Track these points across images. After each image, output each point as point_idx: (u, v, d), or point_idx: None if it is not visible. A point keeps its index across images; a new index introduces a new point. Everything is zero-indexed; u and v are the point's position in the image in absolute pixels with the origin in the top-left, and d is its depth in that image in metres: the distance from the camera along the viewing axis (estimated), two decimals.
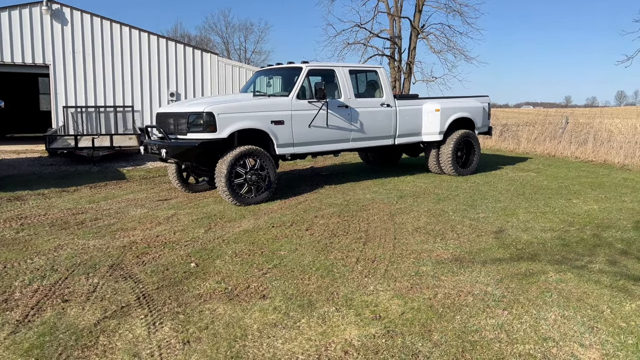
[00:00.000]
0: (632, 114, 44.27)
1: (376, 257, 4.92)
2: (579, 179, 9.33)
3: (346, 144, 8.40)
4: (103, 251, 5.14)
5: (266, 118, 7.33)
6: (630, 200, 7.49)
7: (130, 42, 15.83)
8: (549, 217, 6.45)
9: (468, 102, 9.90)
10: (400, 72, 23.83)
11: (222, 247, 5.26)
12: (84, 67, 15.34)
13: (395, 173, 10.07)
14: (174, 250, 5.18)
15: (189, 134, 7.02)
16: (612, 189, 8.33)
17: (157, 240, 5.52)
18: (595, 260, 4.79)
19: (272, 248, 5.21)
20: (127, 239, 5.56)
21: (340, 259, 4.86)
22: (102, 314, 3.62)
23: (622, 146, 11.83)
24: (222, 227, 6.03)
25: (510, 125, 18.74)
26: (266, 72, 8.91)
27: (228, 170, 6.90)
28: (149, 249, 5.20)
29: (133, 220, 6.42)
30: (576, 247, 5.19)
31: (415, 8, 23.47)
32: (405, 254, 5.03)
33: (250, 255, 4.98)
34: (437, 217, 6.47)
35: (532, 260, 4.80)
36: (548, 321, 3.49)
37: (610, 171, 10.41)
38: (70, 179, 9.86)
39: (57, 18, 14.92)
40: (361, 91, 8.95)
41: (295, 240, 5.49)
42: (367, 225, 6.08)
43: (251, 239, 5.52)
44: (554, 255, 4.95)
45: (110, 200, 7.72)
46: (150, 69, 16.11)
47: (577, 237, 5.54)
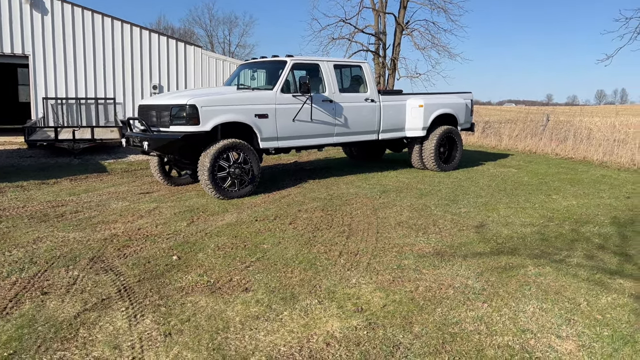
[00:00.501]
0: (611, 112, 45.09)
1: (359, 251, 4.94)
2: (558, 176, 9.49)
3: (330, 139, 8.41)
4: (83, 244, 5.08)
5: (250, 111, 7.30)
6: (608, 196, 7.64)
7: (113, 34, 15.59)
8: (529, 212, 6.55)
9: (451, 99, 9.98)
10: (385, 68, 23.89)
11: (205, 240, 5.24)
12: (64, 58, 15.06)
13: (378, 168, 10.12)
14: (156, 243, 5.14)
15: (172, 127, 6.96)
16: (591, 186, 8.49)
17: (139, 233, 5.47)
18: (573, 254, 4.88)
19: (255, 241, 5.20)
20: (108, 232, 5.51)
21: (323, 253, 4.88)
22: (82, 307, 3.59)
23: (601, 144, 12.05)
24: (204, 221, 6.00)
25: (492, 122, 18.95)
26: (250, 65, 8.86)
27: (211, 163, 6.86)
28: (131, 242, 5.15)
29: (114, 213, 6.35)
30: (555, 242, 5.28)
31: (400, 4, 23.53)
32: (388, 247, 5.07)
33: (233, 249, 4.97)
34: (419, 211, 6.52)
35: (512, 254, 4.87)
36: (526, 313, 3.56)
37: (589, 168, 10.60)
38: (50, 171, 9.70)
39: (37, 8, 14.62)
40: (346, 86, 8.96)
41: (278, 233, 5.49)
42: (350, 220, 6.11)
43: (234, 233, 5.50)
44: (533, 249, 5.03)
45: (91, 193, 7.62)
46: (133, 61, 15.90)
47: (556, 232, 5.63)
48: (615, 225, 5.94)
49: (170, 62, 16.38)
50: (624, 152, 11.09)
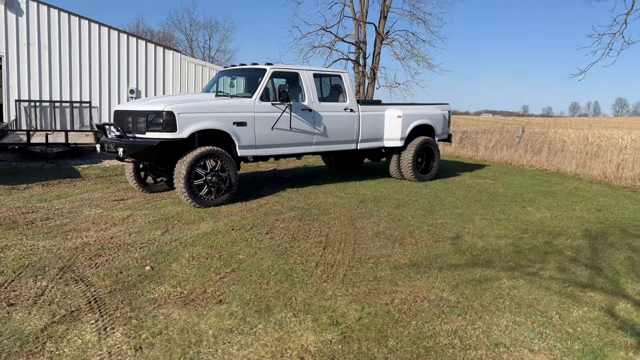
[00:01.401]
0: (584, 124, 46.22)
1: (335, 262, 4.93)
2: (533, 187, 9.64)
3: (309, 147, 8.40)
4: (53, 253, 4.95)
5: (228, 119, 7.24)
6: (580, 208, 7.79)
7: (90, 36, 15.35)
8: (503, 224, 6.63)
9: (429, 110, 10.08)
10: (365, 77, 24.03)
11: (179, 250, 5.16)
12: (39, 59, 14.76)
13: (357, 177, 10.14)
14: (129, 252, 5.04)
15: (148, 133, 6.86)
16: (564, 198, 8.64)
17: (112, 242, 5.36)
18: (546, 267, 4.95)
19: (230, 252, 5.14)
20: (80, 240, 5.38)
21: (300, 264, 4.85)
22: (50, 319, 3.48)
23: (574, 156, 12.31)
24: (179, 230, 5.92)
25: (469, 133, 19.21)
26: (229, 72, 8.81)
27: (187, 171, 6.78)
28: (103, 251, 5.04)
29: (87, 221, 6.21)
30: (529, 254, 5.35)
31: (380, 14, 23.73)
32: (365, 258, 5.06)
33: (208, 259, 4.90)
34: (396, 222, 6.54)
35: (486, 266, 4.92)
36: (500, 327, 3.58)
37: (562, 180, 10.80)
38: (21, 176, 9.47)
39: (12, 8, 14.32)
40: (325, 95, 8.97)
41: (254, 244, 5.44)
42: (327, 230, 6.09)
43: (209, 242, 5.43)
44: (508, 261, 5.08)
45: (63, 199, 7.45)
46: (110, 64, 15.66)
47: (529, 244, 5.71)
48: (587, 238, 6.06)
49: (148, 67, 16.18)
50: (596, 164, 11.35)
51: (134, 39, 16.21)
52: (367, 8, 23.84)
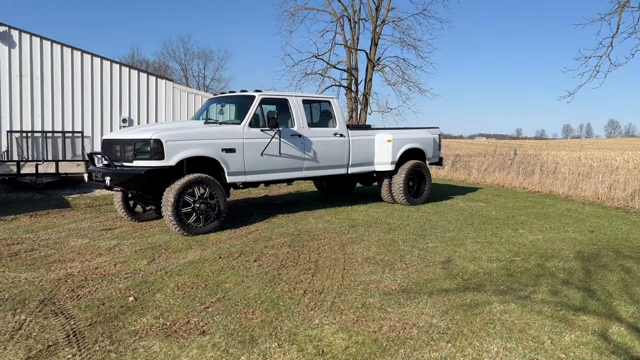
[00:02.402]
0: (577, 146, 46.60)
1: (324, 289, 4.83)
2: (525, 210, 9.60)
3: (299, 173, 8.36)
4: (35, 285, 4.83)
5: (217, 146, 7.22)
6: (573, 230, 7.74)
7: (82, 67, 15.43)
8: (495, 247, 6.56)
9: (419, 134, 10.10)
10: (357, 103, 24.23)
11: (165, 279, 5.05)
12: (31, 90, 14.79)
13: (348, 202, 10.09)
14: (113, 283, 4.93)
15: (135, 162, 6.81)
16: (557, 220, 8.59)
17: (96, 273, 5.25)
18: (538, 290, 4.87)
19: (217, 280, 5.04)
20: (64, 272, 5.27)
21: (288, 291, 4.75)
22: (26, 354, 3.36)
23: (566, 177, 12.31)
24: (166, 259, 5.81)
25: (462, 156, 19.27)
26: (219, 99, 8.83)
27: (175, 198, 6.71)
28: (86, 282, 4.93)
29: (72, 251, 6.11)
30: (520, 277, 5.26)
31: (371, 41, 24.09)
32: (354, 285, 4.97)
33: (193, 288, 4.79)
34: (387, 246, 6.46)
35: (477, 290, 4.83)
36: (490, 353, 3.48)
37: (555, 202, 10.77)
38: (10, 207, 9.37)
39: (4, 40, 14.43)
40: (315, 121, 8.99)
41: (242, 272, 5.34)
42: (317, 256, 6.00)
43: (196, 271, 5.33)
44: (499, 285, 5.00)
45: (50, 230, 7.35)
46: (102, 94, 15.72)
47: (521, 267, 5.63)
48: (580, 260, 5.98)
49: (140, 96, 16.25)
50: (588, 186, 11.34)
51: (126, 68, 16.31)
52: (358, 35, 24.23)
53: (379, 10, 23.97)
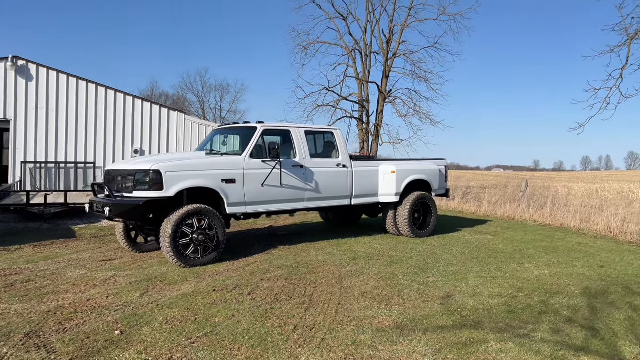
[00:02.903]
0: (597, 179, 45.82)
1: (315, 325, 4.69)
2: (534, 243, 9.35)
3: (301, 204, 8.30)
4: (24, 317, 4.78)
5: (216, 176, 7.21)
6: (582, 265, 7.48)
7: (96, 99, 15.79)
8: (499, 282, 6.35)
9: (424, 165, 10.01)
10: (369, 134, 24.27)
11: (154, 312, 4.96)
12: (46, 122, 15.14)
13: (353, 234, 9.95)
14: (102, 316, 4.86)
15: (135, 192, 6.82)
16: (566, 254, 8.33)
17: (87, 305, 5.19)
18: (539, 328, 4.66)
19: (207, 314, 4.93)
20: (55, 303, 5.22)
21: (278, 327, 4.62)
22: None
23: (578, 210, 12.02)
24: (159, 291, 5.73)
25: (473, 188, 19.03)
26: (223, 131, 8.89)
27: (173, 230, 6.67)
28: (75, 315, 4.87)
29: (67, 283, 6.07)
30: (522, 315, 5.06)
31: (382, 74, 24.28)
32: (347, 320, 4.82)
33: (182, 322, 4.69)
34: (386, 280, 6.30)
35: (475, 328, 4.64)
36: None
37: (565, 235, 10.49)
38: (17, 237, 9.44)
39: (22, 74, 14.86)
40: (318, 151, 8.98)
41: (234, 305, 5.23)
42: (313, 289, 5.87)
43: (187, 304, 5.23)
44: (498, 322, 4.80)
45: (50, 261, 7.35)
46: (115, 125, 16.00)
47: (524, 304, 5.42)
48: (586, 297, 5.75)
49: (152, 127, 16.50)
50: (601, 219, 11.04)
51: (139, 100, 16.63)
52: (369, 68, 24.44)
53: (390, 43, 24.24)
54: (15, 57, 14.67)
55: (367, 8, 24.00)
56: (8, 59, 14.54)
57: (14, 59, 14.62)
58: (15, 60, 14.67)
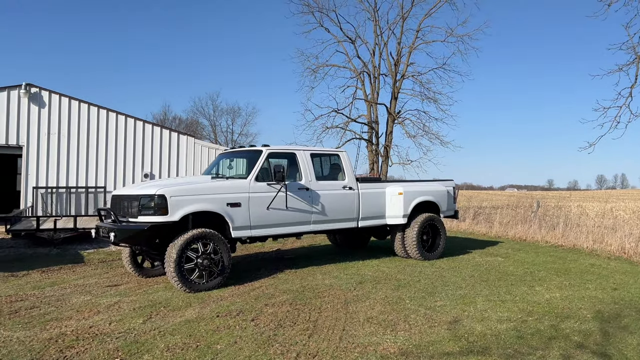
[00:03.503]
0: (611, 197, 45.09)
1: (318, 352, 4.60)
2: (545, 265, 9.16)
3: (307, 227, 8.24)
4: (25, 345, 4.76)
5: (221, 200, 7.21)
6: (594, 287, 7.30)
7: (107, 124, 16.01)
8: (508, 305, 6.20)
9: (432, 186, 9.93)
10: (378, 155, 24.24)
11: (156, 339, 4.91)
12: (58, 148, 15.36)
13: (360, 257, 9.84)
14: (103, 343, 4.81)
15: (140, 217, 6.83)
16: (578, 276, 8.15)
17: (89, 332, 5.15)
18: (548, 354, 4.52)
19: (209, 341, 4.87)
20: (57, 330, 5.19)
21: (280, 354, 4.53)
22: None
23: (591, 231, 11.80)
24: (162, 317, 5.68)
25: (486, 208, 18.81)
26: (229, 154, 8.92)
27: (178, 254, 6.65)
28: (77, 342, 4.83)
29: (71, 309, 6.05)
30: (531, 340, 4.92)
31: (391, 95, 24.34)
32: (351, 347, 4.72)
33: (183, 350, 4.63)
34: (392, 305, 6.19)
35: (482, 354, 4.52)
36: None
37: (578, 256, 10.27)
38: (25, 262, 9.48)
39: (35, 101, 15.15)
40: (324, 174, 8.95)
41: (237, 332, 5.16)
42: (317, 315, 5.78)
43: (190, 331, 5.17)
44: (507, 348, 4.67)
45: (56, 286, 7.35)
46: (126, 150, 16.18)
47: (533, 328, 5.28)
48: (598, 321, 5.59)
49: (162, 151, 16.66)
50: (614, 239, 10.82)
51: (149, 125, 16.83)
52: (378, 90, 24.53)
53: (398, 65, 24.37)
54: (28, 84, 14.98)
55: (375, 31, 24.22)
56: (21, 86, 14.86)
57: (27, 86, 14.92)
58: (29, 87, 14.98)
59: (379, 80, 24.58)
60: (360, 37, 24.47)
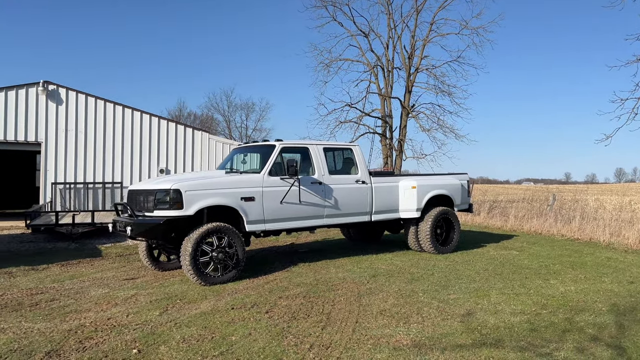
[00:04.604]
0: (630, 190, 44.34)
1: (332, 343, 4.65)
2: (560, 258, 9.10)
3: (320, 220, 8.29)
4: (46, 336, 4.88)
5: (236, 195, 7.28)
6: (610, 280, 7.24)
7: (123, 120, 16.23)
8: (522, 299, 6.19)
9: (446, 180, 9.90)
10: (392, 150, 24.18)
11: (172, 331, 5.00)
12: (75, 144, 15.61)
13: (374, 250, 9.87)
14: (121, 334, 4.92)
15: (155, 211, 6.94)
16: (593, 269, 8.08)
17: (107, 324, 5.27)
18: (562, 347, 4.52)
19: (224, 333, 4.95)
20: (77, 322, 5.31)
21: (293, 345, 4.59)
22: None
23: (608, 224, 11.66)
24: (179, 309, 5.78)
25: (500, 202, 18.68)
26: (242, 149, 9.00)
27: (193, 248, 6.75)
28: (95, 333, 4.94)
29: (90, 301, 6.18)
30: (544, 333, 4.91)
31: (405, 89, 24.23)
32: (364, 339, 4.76)
33: (199, 341, 4.71)
34: (405, 298, 6.21)
35: (495, 346, 4.52)
36: None
37: (594, 250, 10.17)
38: (45, 256, 9.68)
39: (53, 98, 15.40)
40: (337, 168, 8.98)
41: (251, 324, 5.23)
42: (331, 307, 5.83)
43: (205, 323, 5.26)
44: (519, 341, 4.67)
45: (75, 280, 7.50)
46: (142, 146, 16.39)
47: (547, 321, 5.27)
48: (613, 314, 5.55)
49: (178, 147, 16.84)
50: (632, 232, 10.68)
51: (165, 121, 17.01)
52: (392, 84, 24.44)
53: (412, 58, 24.24)
54: (46, 82, 15.23)
55: (389, 24, 24.10)
56: (39, 83, 15.12)
57: (45, 84, 15.18)
58: (46, 85, 15.23)
59: (392, 74, 24.49)
60: (374, 30, 24.41)
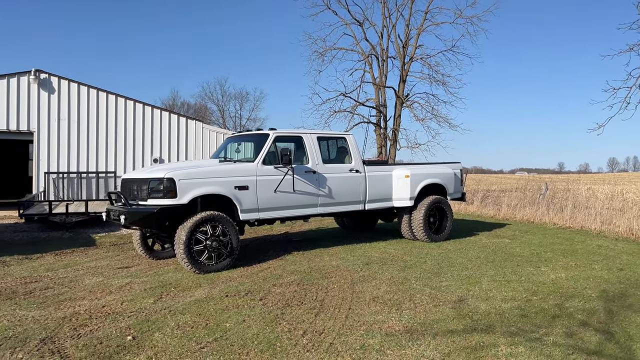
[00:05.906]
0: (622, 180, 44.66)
1: (325, 329, 4.70)
2: (552, 246, 9.19)
3: (314, 209, 8.32)
4: (40, 323, 4.90)
5: (229, 183, 7.29)
6: (600, 268, 7.33)
7: (116, 110, 16.12)
8: (513, 285, 6.26)
9: (439, 169, 9.94)
10: (386, 139, 24.19)
11: (167, 318, 5.04)
12: (68, 133, 15.51)
13: (368, 239, 9.93)
14: (116, 321, 4.95)
15: (149, 200, 6.94)
16: (584, 257, 8.18)
17: (102, 311, 5.29)
18: (551, 332, 4.59)
19: (218, 320, 4.99)
20: (71, 310, 5.34)
21: (287, 332, 4.64)
22: None
23: (599, 212, 11.77)
24: (173, 297, 5.82)
25: (494, 191, 18.78)
26: (236, 138, 8.99)
27: (187, 236, 6.77)
28: (90, 321, 4.97)
29: (84, 290, 6.20)
30: (535, 318, 4.99)
31: (399, 78, 24.19)
32: (356, 325, 4.82)
33: (193, 328, 4.75)
34: (398, 285, 6.27)
35: (485, 332, 4.59)
36: None
37: (585, 238, 10.28)
38: (39, 246, 9.66)
39: (45, 87, 15.26)
40: (331, 157, 9.00)
41: (245, 311, 5.28)
42: (324, 295, 5.88)
43: (199, 310, 5.29)
44: (510, 326, 4.74)
45: (69, 268, 7.51)
46: (135, 135, 16.31)
47: (537, 307, 5.34)
48: (603, 300, 5.63)
49: (171, 136, 16.77)
50: (622, 221, 10.79)
51: (158, 110, 16.92)
52: (386, 73, 24.38)
53: (406, 47, 24.17)
54: (37, 70, 15.08)
55: (383, 13, 23.98)
56: (31, 72, 14.96)
57: (36, 73, 15.03)
58: (38, 73, 15.09)
59: (387, 63, 24.42)
60: (368, 19, 24.25)
